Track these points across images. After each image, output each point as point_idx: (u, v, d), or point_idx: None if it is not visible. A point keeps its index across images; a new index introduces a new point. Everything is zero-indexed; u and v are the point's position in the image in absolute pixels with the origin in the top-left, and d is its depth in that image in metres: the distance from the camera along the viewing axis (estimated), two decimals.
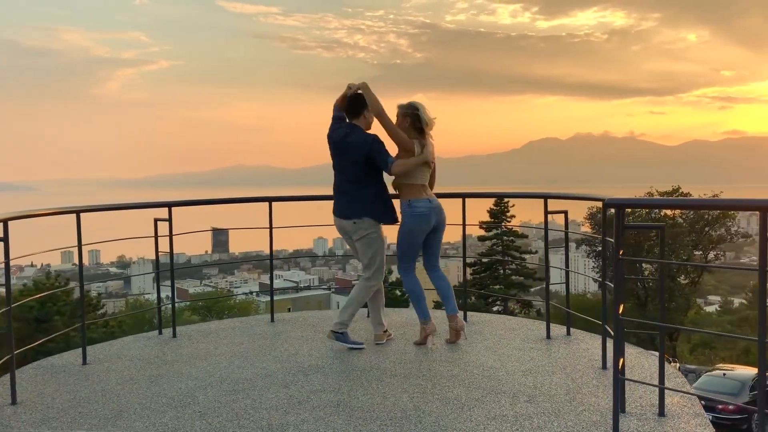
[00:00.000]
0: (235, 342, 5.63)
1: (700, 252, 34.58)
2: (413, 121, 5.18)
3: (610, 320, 4.68)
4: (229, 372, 4.72)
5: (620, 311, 3.32)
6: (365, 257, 5.23)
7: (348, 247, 5.40)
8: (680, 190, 35.69)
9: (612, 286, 3.48)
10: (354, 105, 5.21)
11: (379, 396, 4.09)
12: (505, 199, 35.07)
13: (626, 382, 4.20)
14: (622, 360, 3.35)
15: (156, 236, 5.87)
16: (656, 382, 3.94)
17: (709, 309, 63.05)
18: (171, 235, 5.82)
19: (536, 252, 38.88)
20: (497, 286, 34.18)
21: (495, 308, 33.44)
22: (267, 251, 6.49)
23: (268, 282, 6.67)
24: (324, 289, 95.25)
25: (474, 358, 4.91)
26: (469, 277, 38.69)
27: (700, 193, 27.82)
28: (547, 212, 5.40)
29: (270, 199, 6.26)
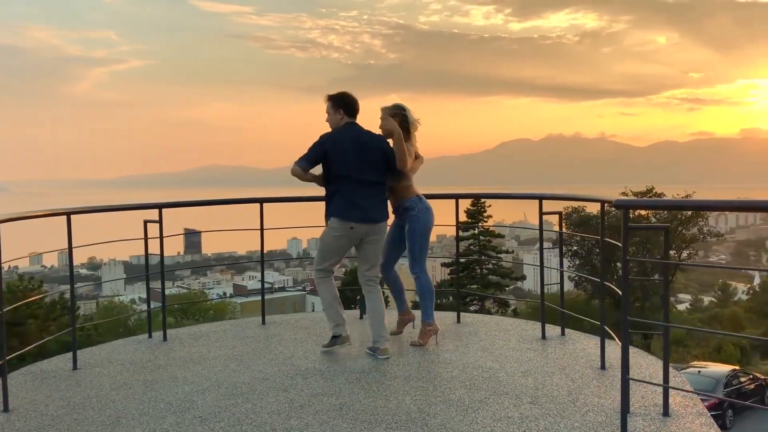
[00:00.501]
0: (228, 345, 5.56)
1: (674, 251, 35.10)
2: (401, 122, 5.18)
3: (610, 321, 4.73)
4: (225, 376, 4.66)
5: (628, 312, 3.32)
6: (376, 258, 5.23)
7: (338, 254, 5.20)
8: (654, 190, 36.18)
9: (616, 289, 3.51)
10: (349, 102, 5.12)
11: (382, 399, 4.06)
12: (482, 200, 35.24)
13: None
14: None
15: (146, 238, 5.77)
16: (656, 382, 3.97)
17: (680, 307, 64.04)
18: (161, 237, 5.73)
19: (512, 251, 39.08)
20: (474, 286, 34.32)
21: (472, 308, 33.57)
22: (239, 252, 6.43)
23: (242, 283, 6.56)
24: (299, 290, 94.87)
25: (472, 359, 4.90)
26: (446, 276, 38.96)
27: (674, 194, 28.25)
28: (542, 213, 5.42)
29: (261, 200, 6.19)
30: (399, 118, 5.18)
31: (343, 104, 5.08)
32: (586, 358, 4.85)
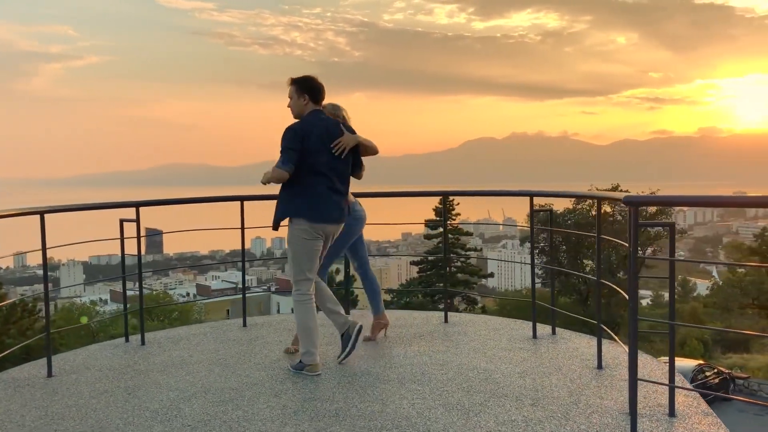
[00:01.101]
0: (210, 349, 5.36)
1: (640, 249, 35.57)
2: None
3: (609, 318, 4.66)
4: (211, 381, 4.46)
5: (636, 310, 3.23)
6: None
7: (315, 258, 4.76)
8: (619, 188, 36.60)
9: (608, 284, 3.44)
10: (314, 86, 4.67)
11: (378, 403, 3.92)
12: (450, 198, 35.25)
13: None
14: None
15: (122, 238, 5.54)
16: (656, 381, 3.90)
17: (642, 303, 64.99)
18: (138, 237, 5.51)
19: (480, 249, 39.22)
20: (441, 285, 34.31)
21: (441, 306, 33.57)
22: (202, 252, 6.19)
23: (205, 284, 6.29)
24: (264, 289, 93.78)
25: (464, 360, 4.79)
26: (415, 275, 38.93)
27: (639, 191, 28.59)
28: (533, 210, 5.34)
29: (242, 198, 5.99)
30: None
31: (308, 89, 4.61)
32: (581, 358, 4.78)
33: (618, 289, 4.68)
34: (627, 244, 3.29)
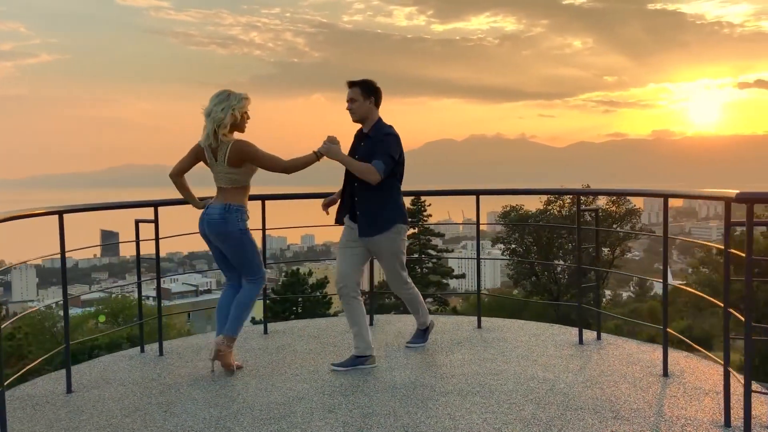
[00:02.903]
0: (237, 359, 4.97)
1: (608, 249, 35.97)
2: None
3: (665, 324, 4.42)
4: (251, 396, 4.10)
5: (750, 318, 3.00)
6: None
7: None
8: (589, 186, 36.96)
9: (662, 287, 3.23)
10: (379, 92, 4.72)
11: (447, 419, 3.61)
12: (422, 198, 35.14)
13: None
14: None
15: (138, 240, 5.13)
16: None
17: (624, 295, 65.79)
18: (157, 239, 5.10)
19: (452, 250, 39.16)
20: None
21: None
22: (160, 254, 5.64)
23: (164, 286, 5.79)
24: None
25: (518, 368, 4.52)
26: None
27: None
28: (579, 209, 5.12)
29: (263, 198, 5.63)
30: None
31: (374, 92, 4.64)
32: (640, 364, 4.55)
33: (700, 294, 4.46)
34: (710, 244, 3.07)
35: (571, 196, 32.06)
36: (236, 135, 4.50)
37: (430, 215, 36.53)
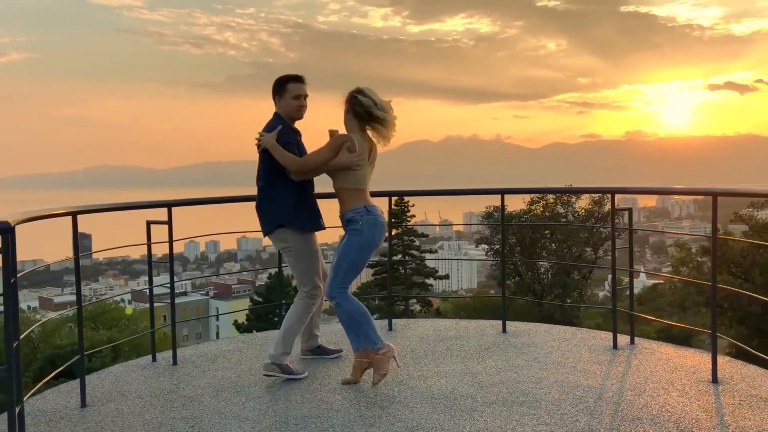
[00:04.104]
0: (256, 368, 4.69)
1: (590, 249, 36.13)
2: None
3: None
4: (282, 408, 3.84)
5: None
6: None
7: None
8: (571, 185, 37.07)
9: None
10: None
11: (498, 430, 3.39)
12: (406, 199, 34.93)
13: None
14: None
15: (149, 243, 4.84)
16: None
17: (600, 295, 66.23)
18: (171, 241, 4.82)
19: (436, 251, 39.04)
20: (400, 286, 33.93)
21: (401, 308, 33.21)
22: (133, 256, 5.44)
23: (139, 288, 5.38)
24: (202, 294, 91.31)
25: (558, 375, 4.31)
26: (371, 278, 38.37)
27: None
28: (614, 208, 4.93)
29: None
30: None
31: None
32: (685, 370, 4.36)
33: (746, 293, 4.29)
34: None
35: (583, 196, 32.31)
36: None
37: (413, 216, 36.36)
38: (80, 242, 4.29)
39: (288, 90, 4.45)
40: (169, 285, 4.93)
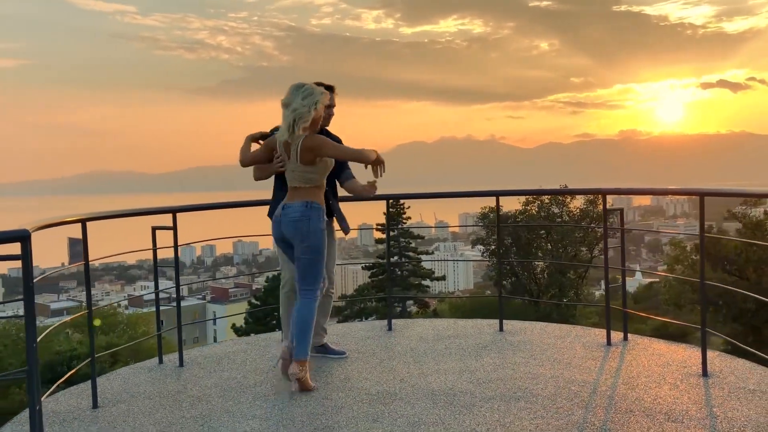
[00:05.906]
0: (262, 369, 4.83)
1: (586, 249, 36.34)
2: None
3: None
4: (294, 408, 3.95)
5: None
6: None
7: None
8: (566, 186, 37.26)
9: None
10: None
11: (499, 427, 3.52)
12: (401, 201, 35.07)
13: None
14: None
15: (155, 248, 4.97)
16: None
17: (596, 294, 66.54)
18: (176, 246, 4.95)
19: (433, 252, 39.20)
20: (395, 288, 34.06)
21: (398, 309, 33.33)
22: (129, 261, 5.55)
23: (134, 294, 5.46)
24: (199, 298, 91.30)
25: (553, 371, 4.46)
26: (368, 280, 38.51)
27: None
28: (606, 208, 5.08)
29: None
30: None
31: None
32: (676, 365, 4.51)
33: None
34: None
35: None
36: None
37: (409, 217, 36.53)
38: (73, 248, 4.40)
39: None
40: (175, 289, 5.05)
